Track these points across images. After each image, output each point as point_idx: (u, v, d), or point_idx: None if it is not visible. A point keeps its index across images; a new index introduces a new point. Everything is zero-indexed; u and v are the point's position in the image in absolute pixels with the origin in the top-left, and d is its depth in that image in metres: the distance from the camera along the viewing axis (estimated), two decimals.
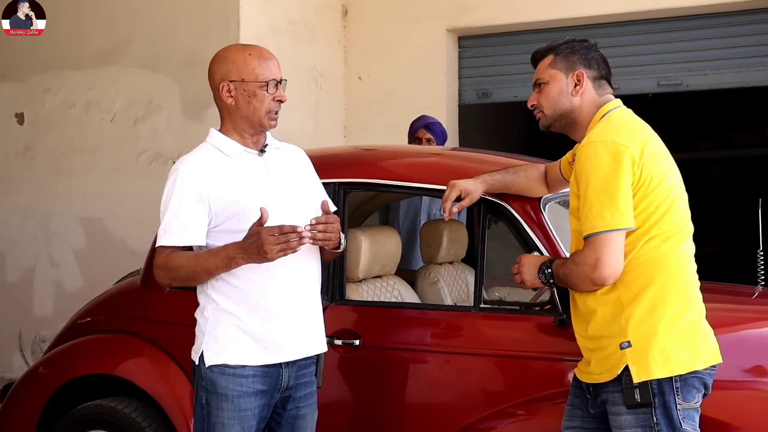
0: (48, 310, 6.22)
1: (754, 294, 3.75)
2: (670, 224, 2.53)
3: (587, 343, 2.61)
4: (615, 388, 2.51)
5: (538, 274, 2.66)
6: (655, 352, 2.45)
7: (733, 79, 6.12)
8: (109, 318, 3.90)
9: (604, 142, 2.50)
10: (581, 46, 2.75)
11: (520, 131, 9.65)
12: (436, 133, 5.06)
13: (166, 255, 2.67)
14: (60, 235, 6.23)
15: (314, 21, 6.53)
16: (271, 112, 2.74)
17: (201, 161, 2.73)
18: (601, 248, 2.46)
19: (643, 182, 2.49)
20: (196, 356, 2.74)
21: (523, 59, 6.52)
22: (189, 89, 5.76)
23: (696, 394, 2.49)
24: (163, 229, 2.69)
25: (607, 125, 2.60)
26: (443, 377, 3.22)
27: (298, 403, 2.82)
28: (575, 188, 2.59)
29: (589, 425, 2.65)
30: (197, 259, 2.66)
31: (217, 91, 2.75)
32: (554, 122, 2.76)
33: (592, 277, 2.49)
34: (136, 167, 5.98)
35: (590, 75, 2.71)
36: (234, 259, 2.61)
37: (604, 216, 2.46)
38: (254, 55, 2.74)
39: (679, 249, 2.55)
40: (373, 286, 3.61)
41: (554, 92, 2.72)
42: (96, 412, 3.61)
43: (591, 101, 2.70)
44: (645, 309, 2.49)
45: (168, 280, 2.71)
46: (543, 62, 2.77)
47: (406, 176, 3.51)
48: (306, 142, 6.17)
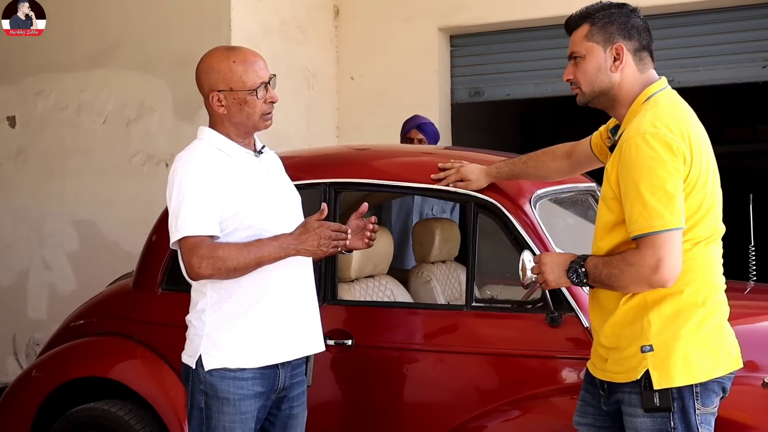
0: (42, 313, 6.21)
1: (746, 289, 3.76)
2: (705, 228, 2.42)
3: (605, 340, 2.50)
4: (633, 389, 2.42)
5: (568, 273, 2.48)
6: (677, 359, 2.37)
7: (724, 75, 6.11)
8: (102, 320, 3.89)
9: (655, 134, 2.32)
10: (620, 12, 2.51)
11: (513, 129, 9.67)
12: (428, 133, 5.07)
13: (209, 245, 2.58)
14: (53, 238, 6.22)
15: (306, 21, 6.52)
16: (264, 114, 2.74)
17: (206, 157, 2.69)
18: (662, 248, 2.30)
19: (689, 182, 2.35)
20: (192, 360, 2.71)
21: (515, 57, 6.67)
22: (181, 90, 5.74)
23: (715, 399, 2.43)
24: (186, 219, 2.59)
25: (656, 113, 2.40)
26: (436, 376, 3.22)
27: (292, 402, 2.82)
28: (613, 176, 2.42)
29: (601, 423, 2.58)
30: (249, 249, 2.60)
31: (207, 99, 2.74)
32: (593, 99, 2.55)
33: (652, 279, 2.32)
34: (128, 169, 5.97)
35: (630, 47, 2.49)
36: (287, 249, 2.62)
37: (663, 214, 2.30)
38: (239, 62, 2.70)
39: (708, 251, 2.44)
40: (366, 285, 3.62)
41: (592, 68, 2.50)
42: (89, 415, 3.61)
43: (632, 77, 2.49)
44: (669, 313, 2.39)
45: (211, 270, 2.58)
46: (578, 32, 2.54)
47: (398, 176, 3.51)
48: (299, 142, 6.17)
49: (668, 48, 6.10)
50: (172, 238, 2.64)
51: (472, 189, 3.21)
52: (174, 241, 2.64)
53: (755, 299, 3.71)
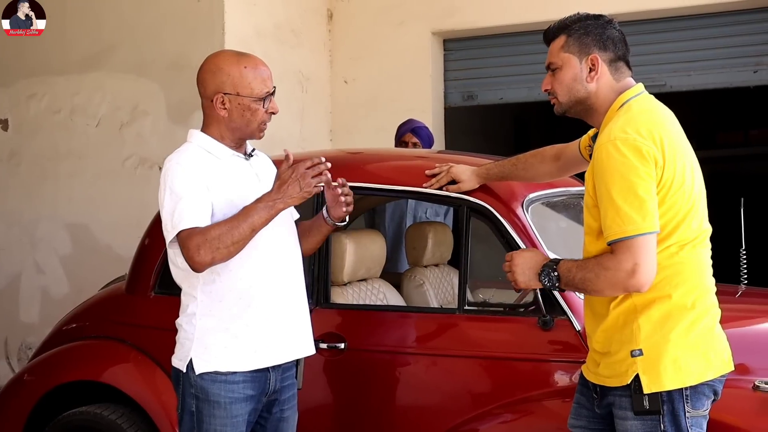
0: (34, 316, 6.19)
1: (737, 293, 3.77)
2: (689, 231, 2.42)
3: (598, 345, 2.52)
4: (623, 392, 2.44)
5: (540, 276, 2.50)
6: (667, 363, 2.38)
7: (716, 80, 6.14)
8: (94, 324, 3.89)
9: (625, 140, 2.35)
10: (596, 24, 2.56)
11: (506, 133, 9.68)
12: (422, 137, 5.09)
13: (200, 231, 2.55)
14: (46, 241, 6.21)
15: (299, 25, 6.53)
16: (262, 123, 2.75)
17: (196, 158, 2.69)
18: (638, 253, 2.32)
19: (664, 185, 2.37)
20: (182, 363, 2.71)
21: (508, 61, 6.68)
22: (174, 94, 5.74)
23: (705, 402, 2.44)
24: (181, 215, 2.57)
25: (627, 119, 2.43)
26: (428, 380, 3.22)
27: (283, 405, 2.83)
28: (590, 183, 2.47)
29: (595, 425, 2.59)
30: (238, 219, 2.57)
31: (209, 101, 2.73)
32: (570, 109, 2.60)
33: (628, 283, 2.34)
34: (121, 172, 5.97)
35: (606, 58, 2.54)
36: (274, 206, 2.60)
37: (635, 219, 2.32)
38: (250, 68, 2.72)
39: (695, 254, 2.45)
40: (358, 289, 3.62)
41: (568, 78, 2.55)
42: (82, 418, 3.60)
43: (608, 87, 2.54)
44: (659, 317, 2.41)
45: (211, 254, 2.54)
46: (555, 43, 2.60)
47: (391, 179, 3.52)
48: (292, 146, 6.16)
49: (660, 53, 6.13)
50: (167, 237, 2.63)
51: (464, 189, 3.22)
52: (170, 239, 2.62)
53: (747, 302, 3.72)
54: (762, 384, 2.74)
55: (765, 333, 3.26)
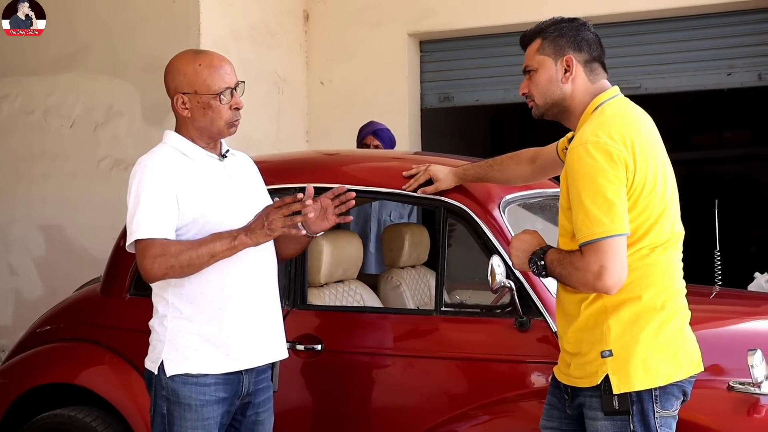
0: (7, 318, 6.14)
1: (711, 294, 3.81)
2: (661, 234, 2.45)
3: (569, 346, 2.55)
4: (593, 393, 2.46)
5: (530, 262, 2.55)
6: (636, 364, 2.40)
7: (690, 82, 6.19)
8: (69, 326, 3.86)
9: (596, 143, 2.38)
10: (570, 26, 2.59)
11: (483, 134, 9.71)
12: (384, 139, 5.08)
13: (160, 243, 2.56)
14: (19, 243, 6.15)
15: (276, 26, 6.51)
16: (230, 120, 2.73)
17: (166, 160, 2.69)
18: (604, 255, 2.34)
19: (635, 189, 2.40)
20: (154, 366, 2.70)
21: (484, 63, 6.70)
22: (149, 95, 5.71)
23: (675, 402, 2.46)
24: (138, 223, 2.58)
25: (600, 123, 2.45)
26: (405, 381, 3.22)
27: (258, 408, 2.81)
28: (564, 186, 2.49)
29: (566, 427, 2.61)
30: (200, 243, 2.58)
31: (172, 101, 2.74)
32: (546, 111, 2.62)
33: (596, 285, 2.37)
34: (96, 174, 5.92)
35: (581, 59, 2.56)
36: (239, 237, 2.58)
37: (603, 221, 2.34)
38: (204, 65, 2.70)
39: (666, 256, 2.47)
40: (335, 290, 3.62)
41: (543, 80, 2.58)
42: (56, 421, 3.58)
43: (583, 88, 2.56)
44: (628, 319, 2.43)
45: (165, 269, 2.56)
46: (531, 47, 2.62)
47: (368, 181, 3.52)
48: (269, 147, 6.15)
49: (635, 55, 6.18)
50: (127, 241, 2.64)
51: (441, 189, 3.23)
52: (129, 244, 2.63)
53: (721, 303, 3.75)
54: (736, 384, 2.76)
55: (739, 334, 3.29)
